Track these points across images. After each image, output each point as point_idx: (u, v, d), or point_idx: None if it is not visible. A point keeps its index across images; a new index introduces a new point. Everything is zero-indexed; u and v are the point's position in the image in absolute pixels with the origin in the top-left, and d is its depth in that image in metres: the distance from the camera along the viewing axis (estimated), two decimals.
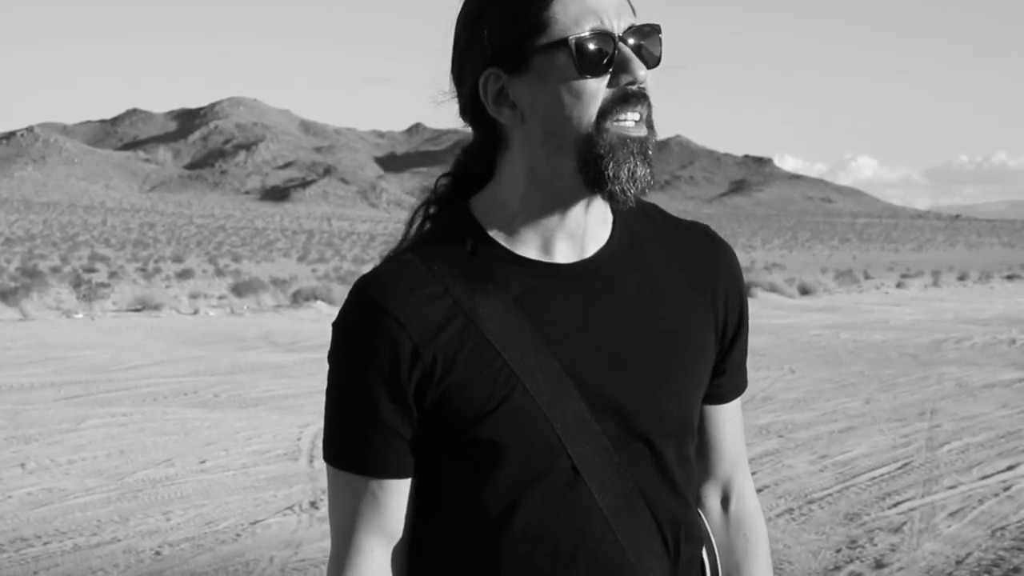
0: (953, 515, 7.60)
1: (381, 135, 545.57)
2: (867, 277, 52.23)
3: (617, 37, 1.59)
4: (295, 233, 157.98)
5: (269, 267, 63.67)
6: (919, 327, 23.54)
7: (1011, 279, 53.03)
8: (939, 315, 27.60)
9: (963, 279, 51.74)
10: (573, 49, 1.57)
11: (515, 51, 1.61)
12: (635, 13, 1.65)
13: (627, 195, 1.60)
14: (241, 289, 31.68)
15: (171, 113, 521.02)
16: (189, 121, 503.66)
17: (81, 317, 24.08)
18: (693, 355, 1.71)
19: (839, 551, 6.83)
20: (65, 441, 10.01)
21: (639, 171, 1.60)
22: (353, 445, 1.64)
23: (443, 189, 1.76)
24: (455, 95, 1.70)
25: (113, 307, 27.35)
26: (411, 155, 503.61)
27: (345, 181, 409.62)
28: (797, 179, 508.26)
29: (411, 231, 1.74)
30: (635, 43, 1.61)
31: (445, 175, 1.76)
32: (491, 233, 1.67)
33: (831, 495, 8.18)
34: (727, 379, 1.81)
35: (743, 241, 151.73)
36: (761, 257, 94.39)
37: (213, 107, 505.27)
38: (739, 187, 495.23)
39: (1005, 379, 14.71)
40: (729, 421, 1.84)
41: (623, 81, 1.59)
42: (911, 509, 7.77)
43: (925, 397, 13.01)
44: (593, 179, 1.60)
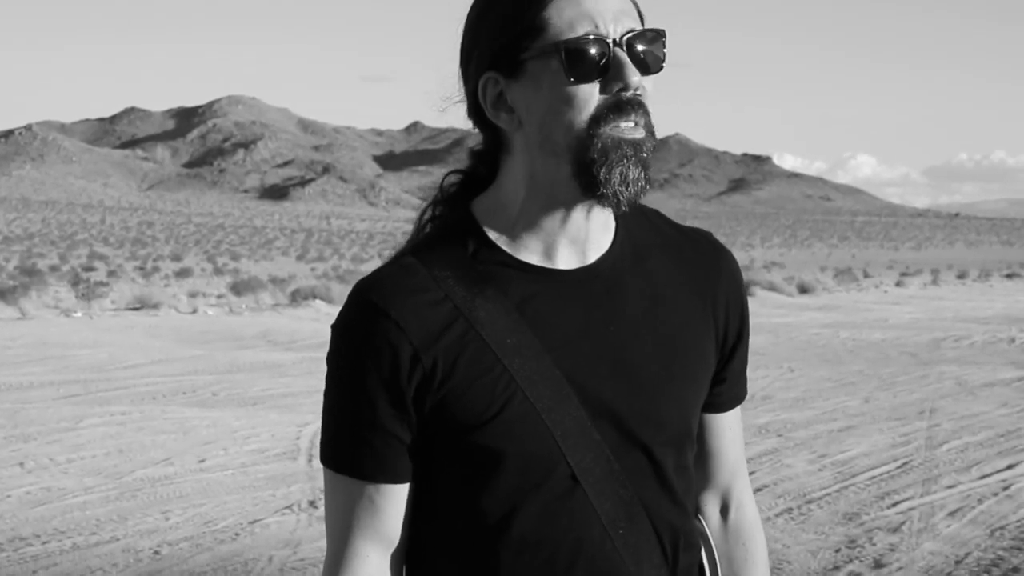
0: (952, 515, 7.59)
1: (380, 133, 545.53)
2: (866, 276, 52.25)
3: (612, 42, 1.56)
4: (294, 232, 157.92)
5: (268, 266, 63.67)
6: (918, 326, 23.54)
7: (1010, 277, 53.03)
8: (938, 313, 27.60)
9: (962, 277, 51.76)
10: (563, 54, 1.55)
11: (511, 55, 1.59)
12: (642, 19, 1.63)
13: (620, 199, 1.58)
14: (240, 288, 31.69)
15: (169, 111, 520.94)
16: (187, 119, 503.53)
17: (80, 316, 24.07)
18: (693, 363, 1.70)
19: (838, 551, 6.82)
20: (64, 440, 10.00)
21: (631, 174, 1.57)
22: (350, 448, 1.63)
23: (452, 189, 1.74)
24: (464, 95, 1.69)
25: (112, 306, 27.34)
26: (410, 154, 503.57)
27: (344, 180, 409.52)
28: (796, 177, 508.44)
29: (419, 233, 1.72)
30: (634, 48, 1.58)
31: (455, 172, 1.75)
32: (492, 237, 1.65)
33: (830, 495, 8.17)
34: (727, 387, 1.80)
35: (742, 240, 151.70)
36: (760, 256, 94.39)
37: (211, 105, 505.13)
38: (738, 185, 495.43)
39: (1005, 378, 14.71)
40: (729, 429, 1.83)
41: (615, 88, 1.57)
42: (910, 509, 7.76)
43: (924, 396, 13.01)
44: (587, 184, 1.58)
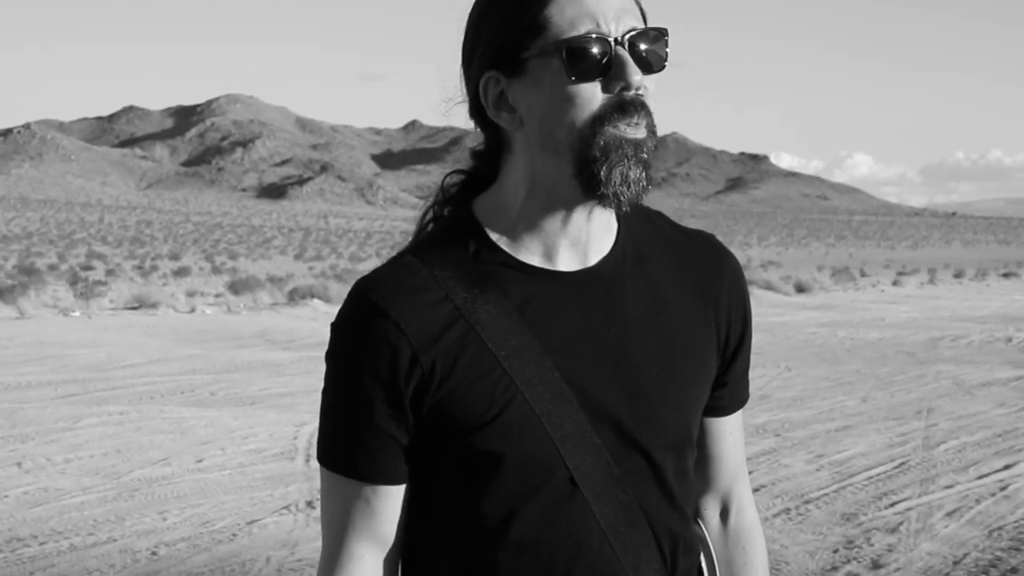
0: (950, 515, 7.59)
1: (378, 132, 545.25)
2: (863, 275, 52.21)
3: (614, 41, 1.55)
4: (292, 231, 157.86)
5: (266, 265, 63.63)
6: (915, 325, 23.53)
7: (1007, 277, 52.97)
8: (935, 313, 27.59)
9: (959, 277, 51.71)
10: (564, 53, 1.54)
11: (512, 54, 1.58)
12: (645, 18, 1.62)
13: (621, 199, 1.57)
14: (238, 287, 31.68)
15: (168, 110, 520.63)
16: (186, 118, 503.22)
17: (78, 315, 24.05)
18: (694, 366, 1.69)
19: (836, 551, 6.82)
20: (61, 440, 9.99)
21: (632, 173, 1.56)
22: (347, 448, 1.62)
23: (453, 189, 1.73)
24: (466, 95, 1.68)
25: (110, 305, 27.32)
26: (408, 152, 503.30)
27: (342, 178, 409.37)
28: (793, 176, 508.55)
29: (420, 233, 1.71)
30: (636, 47, 1.57)
31: (456, 172, 1.73)
32: (493, 237, 1.64)
33: (828, 495, 8.17)
34: (728, 391, 1.79)
35: (739, 239, 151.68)
36: (757, 255, 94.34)
37: (210, 104, 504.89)
38: (735, 184, 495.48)
39: (1002, 377, 14.70)
40: (730, 434, 1.82)
41: (617, 87, 1.56)
42: (908, 509, 7.76)
43: (922, 395, 13.00)
44: (587, 183, 1.57)
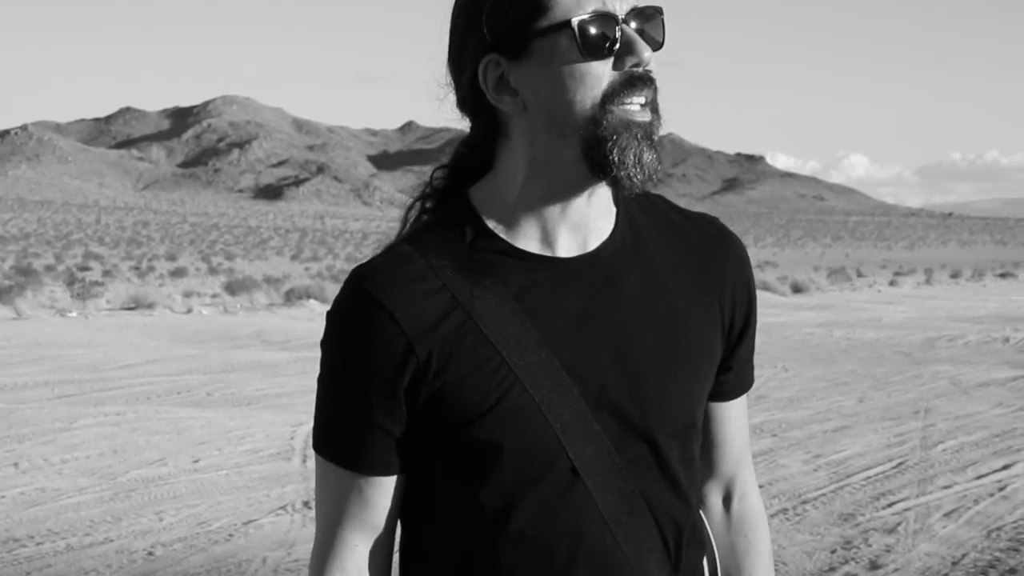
0: (948, 515, 7.58)
1: (374, 133, 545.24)
2: (860, 275, 52.29)
3: (620, 19, 1.55)
4: (288, 231, 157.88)
5: (262, 265, 63.64)
6: (912, 325, 23.55)
7: (1004, 277, 53.03)
8: (932, 313, 27.61)
9: (956, 277, 51.76)
10: (576, 31, 1.53)
11: (515, 35, 1.56)
12: None
13: (633, 180, 1.56)
14: (234, 287, 31.68)
15: (164, 111, 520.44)
16: (182, 119, 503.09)
17: (75, 316, 24.02)
18: (698, 352, 1.67)
19: (834, 552, 6.81)
20: (58, 440, 9.98)
21: (646, 156, 1.55)
22: (340, 438, 1.61)
23: (439, 182, 1.71)
24: (452, 87, 1.65)
25: (107, 306, 27.28)
26: (404, 153, 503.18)
27: (338, 179, 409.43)
28: (789, 177, 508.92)
29: (405, 228, 1.69)
30: (637, 25, 1.57)
31: (441, 167, 1.72)
32: (490, 225, 1.63)
33: (825, 495, 8.16)
34: (733, 375, 1.77)
35: None
36: (754, 255, 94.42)
37: (206, 105, 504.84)
38: (731, 185, 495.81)
39: (999, 377, 14.71)
40: (734, 419, 1.80)
41: (628, 64, 1.55)
42: (906, 509, 7.75)
43: (919, 396, 13.00)
44: (598, 164, 1.55)
